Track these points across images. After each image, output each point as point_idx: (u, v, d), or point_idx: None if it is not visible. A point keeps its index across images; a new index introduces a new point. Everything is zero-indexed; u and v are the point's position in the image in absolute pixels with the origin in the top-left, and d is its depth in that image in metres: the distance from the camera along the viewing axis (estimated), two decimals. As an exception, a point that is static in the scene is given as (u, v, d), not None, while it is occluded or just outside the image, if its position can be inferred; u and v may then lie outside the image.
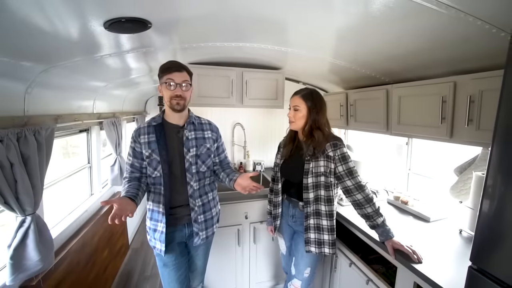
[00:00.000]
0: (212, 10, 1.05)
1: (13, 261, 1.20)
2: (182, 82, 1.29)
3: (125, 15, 0.95)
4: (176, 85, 1.28)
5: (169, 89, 1.28)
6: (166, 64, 1.31)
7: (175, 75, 1.27)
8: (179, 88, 1.29)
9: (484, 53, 1.15)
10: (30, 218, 1.24)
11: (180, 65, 1.31)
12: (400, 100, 1.59)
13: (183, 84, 1.29)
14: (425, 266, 1.12)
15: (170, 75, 1.27)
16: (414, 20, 1.01)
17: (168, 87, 1.27)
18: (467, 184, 1.47)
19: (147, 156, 1.32)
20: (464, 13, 0.88)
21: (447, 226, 1.52)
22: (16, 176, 1.16)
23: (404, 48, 1.31)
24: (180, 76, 1.29)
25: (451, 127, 1.30)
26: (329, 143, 1.37)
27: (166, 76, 1.27)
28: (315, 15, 1.09)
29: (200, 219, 1.40)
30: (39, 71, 1.27)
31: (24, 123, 1.27)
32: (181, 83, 1.28)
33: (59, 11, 0.85)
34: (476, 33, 0.99)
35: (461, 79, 1.24)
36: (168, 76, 1.27)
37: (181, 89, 1.29)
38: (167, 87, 1.28)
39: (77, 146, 2.45)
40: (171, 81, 1.27)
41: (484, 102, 1.12)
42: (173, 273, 1.40)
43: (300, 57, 1.79)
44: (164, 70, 1.29)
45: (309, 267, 1.49)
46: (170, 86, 1.27)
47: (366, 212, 1.32)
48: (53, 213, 1.76)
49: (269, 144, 2.84)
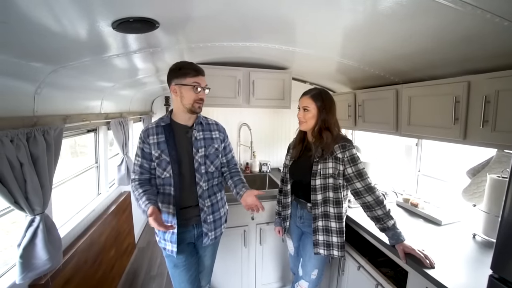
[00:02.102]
0: (220, 10, 1.04)
1: (22, 260, 1.20)
2: (205, 86, 1.32)
3: (133, 15, 0.94)
4: (201, 89, 1.30)
5: (195, 92, 1.29)
6: (191, 66, 1.31)
7: (201, 79, 1.31)
8: (203, 92, 1.31)
9: (500, 52, 1.10)
10: (39, 218, 1.25)
11: (201, 68, 1.34)
12: (411, 100, 1.55)
13: (206, 88, 1.33)
14: (438, 271, 1.09)
15: (197, 78, 1.29)
16: (424, 18, 0.98)
17: (195, 90, 1.29)
18: (481, 187, 1.42)
19: (157, 157, 1.32)
20: (481, 10, 0.85)
21: (460, 230, 1.48)
22: (25, 176, 1.17)
23: (413, 46, 1.27)
24: (204, 80, 1.33)
25: (464, 128, 1.25)
26: (338, 144, 1.34)
27: (193, 79, 1.28)
28: (322, 14, 1.07)
29: (210, 219, 1.39)
30: (48, 71, 1.28)
31: (34, 123, 1.29)
32: (205, 87, 1.32)
33: (68, 12, 0.85)
34: (492, 30, 0.95)
35: (475, 79, 1.20)
36: (195, 79, 1.29)
37: (204, 92, 1.33)
38: (193, 90, 1.28)
39: (85, 145, 2.48)
40: (199, 85, 1.29)
41: (500, 103, 1.08)
42: (184, 274, 1.40)
43: (307, 56, 1.77)
44: (190, 73, 1.29)
45: (316, 269, 1.47)
46: (197, 90, 1.29)
47: (376, 215, 1.30)
48: (61, 212, 1.78)
49: (276, 144, 2.82)
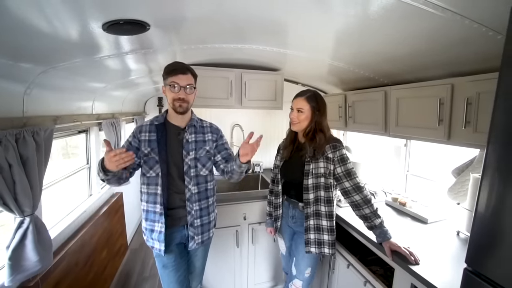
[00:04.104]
0: (211, 12, 1.05)
1: (11, 262, 1.19)
2: (187, 85, 1.28)
3: (123, 17, 0.95)
4: (180, 88, 1.27)
5: (173, 91, 1.27)
6: (171, 66, 1.29)
7: (179, 78, 1.26)
8: (183, 91, 1.28)
9: (481, 56, 1.15)
10: (28, 219, 1.24)
11: (185, 67, 1.30)
12: (398, 102, 1.60)
13: (187, 87, 1.28)
14: (422, 268, 1.13)
15: (175, 77, 1.26)
16: (412, 22, 1.01)
17: (172, 89, 1.26)
18: (465, 185, 1.47)
19: (145, 154, 1.32)
20: (460, 16, 0.89)
21: (445, 227, 1.53)
22: (14, 177, 1.16)
23: (402, 49, 1.31)
24: (185, 79, 1.28)
25: (448, 129, 1.30)
26: (329, 144, 1.38)
27: (171, 78, 1.26)
28: (313, 18, 1.09)
29: (197, 223, 1.39)
30: (38, 72, 1.27)
31: (23, 124, 1.27)
32: (185, 86, 1.28)
33: (58, 12, 0.85)
34: (472, 35, 1.00)
35: (459, 81, 1.25)
36: (173, 78, 1.26)
37: (185, 92, 1.28)
38: (171, 89, 1.26)
39: (76, 146, 2.45)
40: (175, 84, 1.26)
41: (481, 105, 1.13)
42: (173, 274, 1.40)
43: (299, 58, 1.79)
44: (169, 72, 1.27)
45: (309, 267, 1.49)
46: (174, 89, 1.26)
47: (364, 213, 1.33)
48: (52, 213, 1.76)
49: (268, 145, 2.84)
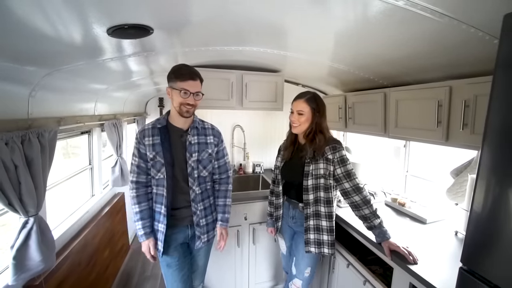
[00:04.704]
0: (213, 15, 1.07)
1: (15, 262, 1.21)
2: (196, 92, 1.29)
3: (128, 22, 0.97)
4: (190, 94, 1.27)
5: (183, 97, 1.27)
6: (181, 70, 1.28)
7: (190, 84, 1.27)
8: (192, 97, 1.29)
9: (479, 59, 1.17)
10: (32, 219, 1.25)
11: (195, 73, 1.30)
12: (398, 104, 1.61)
13: (196, 94, 1.29)
14: (421, 267, 1.15)
15: (185, 83, 1.26)
16: (411, 26, 1.03)
17: (182, 95, 1.26)
18: (463, 186, 1.49)
19: (151, 158, 1.34)
20: (457, 21, 0.91)
21: (443, 228, 1.55)
22: (20, 178, 1.17)
23: (401, 52, 1.33)
24: (194, 86, 1.28)
25: (446, 130, 1.32)
26: (329, 146, 1.39)
27: (181, 84, 1.26)
28: (313, 20, 1.11)
29: (202, 222, 1.42)
30: (42, 75, 1.29)
31: (28, 126, 1.29)
32: (195, 93, 1.29)
33: (63, 17, 0.87)
34: (470, 39, 1.02)
35: (457, 84, 1.26)
36: (183, 85, 1.26)
37: (194, 98, 1.29)
38: (180, 95, 1.26)
39: (77, 146, 2.47)
40: (186, 91, 1.26)
41: (479, 107, 1.15)
42: (176, 273, 1.42)
43: (299, 60, 1.81)
44: (179, 77, 1.27)
45: (309, 267, 1.51)
46: (185, 95, 1.26)
47: (363, 214, 1.35)
48: (55, 214, 1.78)
49: (269, 146, 2.86)
